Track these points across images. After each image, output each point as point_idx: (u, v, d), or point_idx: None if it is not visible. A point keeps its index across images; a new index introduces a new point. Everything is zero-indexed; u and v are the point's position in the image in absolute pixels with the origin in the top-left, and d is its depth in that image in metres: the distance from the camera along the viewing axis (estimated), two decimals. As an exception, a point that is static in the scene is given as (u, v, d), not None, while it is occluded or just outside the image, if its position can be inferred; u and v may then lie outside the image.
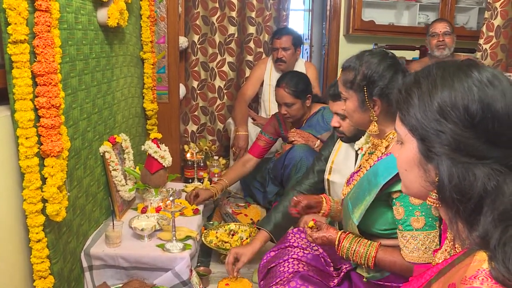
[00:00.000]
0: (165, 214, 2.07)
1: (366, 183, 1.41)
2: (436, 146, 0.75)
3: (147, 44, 2.69)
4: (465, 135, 0.72)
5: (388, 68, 1.43)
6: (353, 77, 1.45)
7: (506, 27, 3.42)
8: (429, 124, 0.76)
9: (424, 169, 0.80)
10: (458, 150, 0.73)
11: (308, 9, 4.57)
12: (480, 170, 0.72)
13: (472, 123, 0.72)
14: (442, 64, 0.81)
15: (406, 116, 0.80)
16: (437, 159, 0.76)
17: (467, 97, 0.73)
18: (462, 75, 0.76)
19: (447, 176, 0.74)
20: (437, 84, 0.77)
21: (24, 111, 1.33)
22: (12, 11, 1.25)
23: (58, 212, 1.45)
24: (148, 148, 2.21)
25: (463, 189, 0.73)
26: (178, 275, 1.79)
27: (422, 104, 0.77)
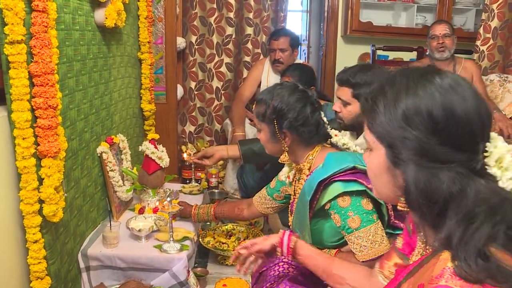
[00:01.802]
0: (162, 215, 2.07)
1: (300, 206, 1.49)
2: (403, 153, 0.77)
3: (145, 44, 2.69)
4: (429, 141, 0.74)
5: (297, 101, 1.52)
6: (264, 111, 1.55)
7: (503, 28, 3.44)
8: (394, 132, 0.77)
9: (392, 175, 0.81)
10: (424, 155, 0.75)
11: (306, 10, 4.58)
12: (445, 174, 0.73)
13: (435, 129, 0.74)
14: (406, 71, 0.83)
15: (373, 124, 0.82)
16: (404, 165, 0.77)
17: (430, 103, 0.75)
18: (425, 82, 0.78)
19: (413, 181, 0.76)
20: (401, 92, 0.78)
21: (21, 112, 1.33)
22: (9, 12, 1.25)
23: (55, 213, 1.44)
24: (146, 149, 2.21)
25: (429, 193, 0.74)
26: (176, 276, 1.79)
27: (388, 112, 0.78)
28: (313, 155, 1.55)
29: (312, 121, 1.53)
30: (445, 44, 3.01)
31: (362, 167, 1.40)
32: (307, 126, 1.52)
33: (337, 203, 1.39)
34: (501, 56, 3.51)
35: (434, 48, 3.06)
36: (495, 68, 3.53)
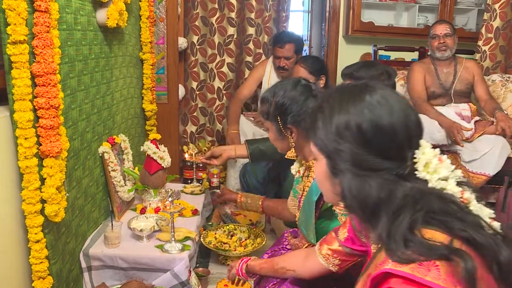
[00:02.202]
0: (164, 215, 2.07)
1: (307, 204, 1.50)
2: (339, 163, 0.87)
3: (147, 44, 2.69)
4: (360, 152, 0.84)
5: (300, 94, 1.52)
6: (267, 109, 1.56)
7: (505, 28, 3.43)
8: (330, 144, 0.87)
9: (332, 182, 0.91)
10: (357, 165, 0.84)
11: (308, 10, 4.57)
12: (374, 181, 0.83)
13: (365, 141, 0.84)
14: (340, 89, 0.93)
15: (314, 138, 0.92)
16: (340, 174, 0.87)
17: (359, 119, 0.84)
18: (356, 99, 0.87)
19: (347, 188, 0.86)
20: (335, 109, 0.88)
21: (23, 112, 1.33)
22: (12, 12, 1.25)
23: (57, 213, 1.45)
24: (147, 149, 2.21)
25: (361, 199, 0.84)
26: (177, 275, 1.79)
27: (324, 127, 0.88)
28: None
29: None
30: (446, 43, 3.01)
31: None
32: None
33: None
34: (503, 56, 3.50)
35: (435, 47, 3.05)
36: (497, 68, 3.52)
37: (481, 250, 0.77)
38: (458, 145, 2.76)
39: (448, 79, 3.09)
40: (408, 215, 0.79)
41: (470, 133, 2.86)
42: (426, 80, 3.11)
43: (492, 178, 2.75)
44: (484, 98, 3.02)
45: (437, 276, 0.72)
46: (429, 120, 2.88)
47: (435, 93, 3.11)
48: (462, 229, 0.78)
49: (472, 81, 3.09)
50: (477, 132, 2.88)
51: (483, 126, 2.90)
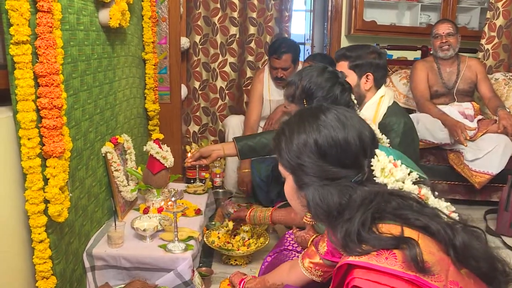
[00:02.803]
0: (167, 215, 2.07)
1: None
2: (303, 177, 0.97)
3: (149, 44, 2.69)
4: (319, 164, 0.94)
5: (326, 80, 1.54)
6: (293, 91, 1.58)
7: (508, 27, 3.42)
8: (293, 161, 0.98)
9: (299, 196, 1.01)
10: (318, 176, 0.95)
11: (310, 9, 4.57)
12: (335, 189, 0.93)
13: (322, 153, 0.94)
14: (300, 112, 1.05)
15: (280, 158, 1.02)
16: (305, 187, 0.97)
17: (315, 135, 0.95)
18: (312, 119, 0.98)
19: (312, 198, 0.95)
20: (294, 130, 0.99)
21: (26, 112, 1.33)
22: (14, 12, 1.25)
23: (60, 213, 1.45)
24: (150, 149, 2.21)
25: (324, 206, 0.93)
26: (180, 275, 1.79)
27: (287, 147, 0.99)
28: None
29: (341, 101, 1.54)
30: (448, 43, 2.99)
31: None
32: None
33: None
34: (506, 54, 3.50)
35: (438, 47, 3.04)
36: (500, 67, 3.51)
37: (436, 236, 0.86)
38: (461, 144, 2.75)
39: (451, 78, 3.08)
40: (360, 214, 0.88)
41: (473, 132, 2.85)
42: (429, 79, 3.10)
43: (495, 176, 2.75)
44: (488, 96, 3.01)
45: (394, 262, 0.80)
46: (432, 119, 2.87)
47: (438, 92, 3.10)
48: (416, 219, 0.87)
49: (475, 80, 3.08)
50: (480, 131, 2.87)
51: (486, 125, 2.89)
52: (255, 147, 2.33)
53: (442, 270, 0.81)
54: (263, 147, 2.34)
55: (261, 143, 2.34)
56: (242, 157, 2.38)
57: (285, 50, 3.04)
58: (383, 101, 2.00)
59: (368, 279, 0.80)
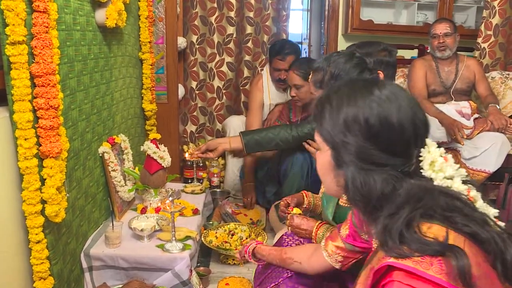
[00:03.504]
0: (164, 215, 2.07)
1: None
2: (344, 155, 0.86)
3: (146, 44, 2.69)
4: (365, 145, 0.84)
5: (355, 66, 1.51)
6: (321, 77, 1.55)
7: (504, 25, 3.43)
8: (336, 136, 0.87)
9: (336, 174, 0.91)
10: (361, 158, 0.84)
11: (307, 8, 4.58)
12: (379, 176, 0.83)
13: (371, 135, 0.84)
14: (351, 82, 0.94)
15: (320, 128, 0.91)
16: (345, 166, 0.87)
17: (367, 113, 0.84)
18: (365, 93, 0.87)
19: (351, 181, 0.85)
20: (343, 101, 0.88)
21: (22, 112, 1.33)
22: (10, 12, 1.25)
23: (57, 213, 1.45)
24: (147, 149, 2.21)
25: (365, 192, 0.84)
26: (178, 275, 1.79)
27: (331, 118, 0.88)
28: None
29: None
30: (446, 43, 2.99)
31: None
32: None
33: None
34: (503, 53, 3.50)
35: (435, 47, 3.03)
36: (496, 66, 3.52)
37: (484, 246, 0.76)
38: (458, 143, 2.76)
39: (449, 77, 3.09)
40: (407, 211, 0.79)
41: (470, 130, 2.86)
42: (428, 77, 3.10)
43: (492, 175, 2.76)
44: (485, 95, 3.02)
45: (439, 270, 0.72)
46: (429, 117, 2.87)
47: (435, 91, 3.11)
48: (465, 224, 0.77)
49: (473, 79, 3.09)
50: (476, 129, 2.88)
51: (482, 123, 2.90)
52: (261, 141, 2.35)
53: (487, 284, 0.74)
54: (269, 141, 2.36)
55: (268, 138, 2.36)
56: (248, 150, 2.39)
57: (289, 52, 2.99)
58: None
59: (409, 285, 0.72)
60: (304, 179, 2.57)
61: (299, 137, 2.36)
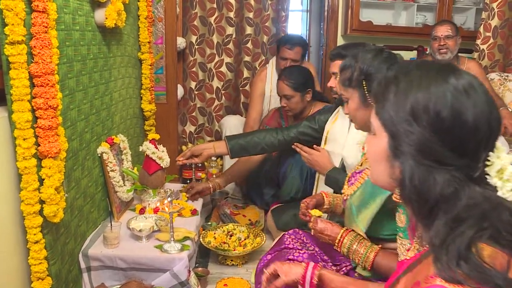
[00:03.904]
0: (163, 215, 2.07)
1: (370, 187, 1.40)
2: (404, 145, 0.76)
3: (145, 44, 2.69)
4: (432, 140, 0.73)
5: (384, 61, 1.44)
6: (350, 75, 1.46)
7: (503, 27, 3.43)
8: (399, 123, 0.76)
9: (391, 165, 0.80)
10: (423, 152, 0.74)
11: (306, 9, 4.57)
12: (440, 175, 0.73)
13: (440, 129, 0.73)
14: (423, 64, 0.81)
15: (381, 110, 0.81)
16: (403, 158, 0.76)
17: (440, 102, 0.73)
18: (440, 79, 0.76)
19: (409, 175, 0.75)
20: (414, 85, 0.77)
21: (21, 112, 1.33)
22: (9, 12, 1.25)
23: (55, 213, 1.44)
24: (146, 149, 2.21)
25: (422, 191, 0.74)
26: (176, 276, 1.79)
27: (396, 102, 0.78)
28: None
29: None
30: (446, 45, 2.98)
31: None
32: None
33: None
34: (501, 55, 3.51)
35: (436, 49, 3.02)
36: (495, 67, 3.53)
37: None
38: None
39: (449, 80, 3.09)
40: (472, 230, 0.69)
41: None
42: None
43: None
44: None
45: None
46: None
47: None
48: None
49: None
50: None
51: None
52: (246, 146, 2.34)
53: None
54: (255, 145, 2.34)
55: (253, 142, 2.34)
56: (233, 155, 2.38)
57: (298, 43, 3.09)
58: None
59: None
60: (303, 182, 2.57)
61: (285, 141, 2.34)
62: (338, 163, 2.08)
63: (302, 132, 2.33)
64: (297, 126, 2.37)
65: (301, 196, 2.56)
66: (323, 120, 2.27)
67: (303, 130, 2.33)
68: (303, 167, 2.53)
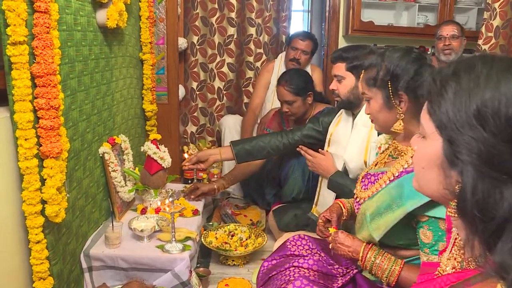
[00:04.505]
0: (164, 215, 2.07)
1: (388, 197, 1.35)
2: (464, 153, 0.65)
3: (146, 45, 2.69)
4: (501, 149, 0.62)
5: (413, 62, 1.37)
6: (375, 74, 1.41)
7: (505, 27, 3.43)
8: (461, 127, 0.65)
9: (445, 174, 0.70)
10: (489, 163, 0.63)
11: (307, 10, 4.57)
12: (509, 191, 0.62)
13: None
14: (490, 59, 0.70)
15: (436, 110, 0.70)
16: (462, 167, 0.66)
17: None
18: (511, 77, 0.65)
19: (471, 189, 0.64)
20: (480, 83, 0.66)
21: (23, 112, 1.33)
22: (11, 13, 1.25)
23: (57, 213, 1.45)
24: (148, 149, 2.21)
25: (486, 207, 0.64)
26: (178, 276, 1.79)
27: (458, 102, 0.66)
28: None
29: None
30: (451, 46, 2.97)
31: None
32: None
33: (438, 224, 1.23)
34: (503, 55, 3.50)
35: (440, 49, 3.01)
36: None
37: None
38: None
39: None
40: None
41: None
42: None
43: None
44: None
45: None
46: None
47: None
48: None
49: None
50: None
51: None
52: (252, 151, 2.35)
53: None
54: (260, 150, 2.36)
55: (258, 146, 2.35)
56: (239, 160, 2.40)
57: (310, 37, 3.24)
58: None
59: None
60: (305, 183, 2.56)
61: (290, 144, 2.35)
62: (341, 166, 2.08)
63: (307, 135, 2.34)
64: (302, 129, 2.37)
65: (302, 196, 2.56)
66: (327, 122, 2.27)
67: (308, 133, 2.34)
68: (305, 168, 2.52)
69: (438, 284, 0.75)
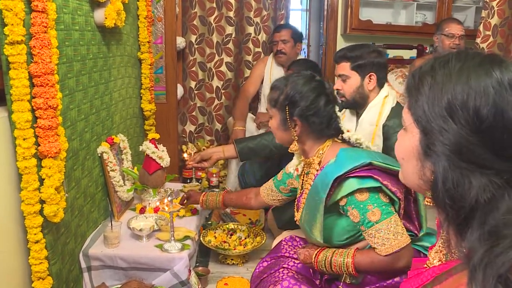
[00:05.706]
0: (163, 215, 2.07)
1: (312, 202, 1.47)
2: (437, 144, 0.69)
3: (145, 44, 2.69)
4: (469, 139, 0.66)
5: (312, 90, 1.50)
6: (277, 96, 1.53)
7: (503, 26, 3.43)
8: (434, 119, 0.69)
9: (421, 165, 0.74)
10: (459, 153, 0.67)
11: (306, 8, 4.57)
12: (477, 179, 0.66)
13: (479, 128, 0.66)
14: (463, 55, 0.73)
15: (414, 104, 0.74)
16: (435, 158, 0.70)
17: (480, 99, 0.66)
18: (482, 73, 0.68)
19: (442, 178, 0.69)
20: (452, 78, 0.69)
21: (21, 112, 1.33)
22: (9, 12, 1.25)
23: (56, 213, 1.45)
24: (146, 149, 2.21)
25: (456, 196, 0.67)
26: (177, 275, 1.79)
27: (432, 96, 0.70)
28: (323, 149, 1.52)
29: (324, 113, 1.50)
30: (460, 45, 3.02)
31: (378, 164, 1.38)
32: (319, 117, 1.49)
33: (355, 198, 1.38)
34: (501, 53, 3.50)
35: (448, 46, 3.04)
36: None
37: None
38: None
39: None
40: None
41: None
42: None
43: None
44: None
45: None
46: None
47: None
48: None
49: None
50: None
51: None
52: (255, 149, 2.37)
53: None
54: (263, 148, 2.37)
55: (261, 144, 2.37)
56: (243, 158, 2.42)
57: (284, 26, 3.41)
58: (387, 102, 1.99)
59: None
60: None
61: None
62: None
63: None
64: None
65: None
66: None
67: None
68: None
69: (425, 276, 0.77)
